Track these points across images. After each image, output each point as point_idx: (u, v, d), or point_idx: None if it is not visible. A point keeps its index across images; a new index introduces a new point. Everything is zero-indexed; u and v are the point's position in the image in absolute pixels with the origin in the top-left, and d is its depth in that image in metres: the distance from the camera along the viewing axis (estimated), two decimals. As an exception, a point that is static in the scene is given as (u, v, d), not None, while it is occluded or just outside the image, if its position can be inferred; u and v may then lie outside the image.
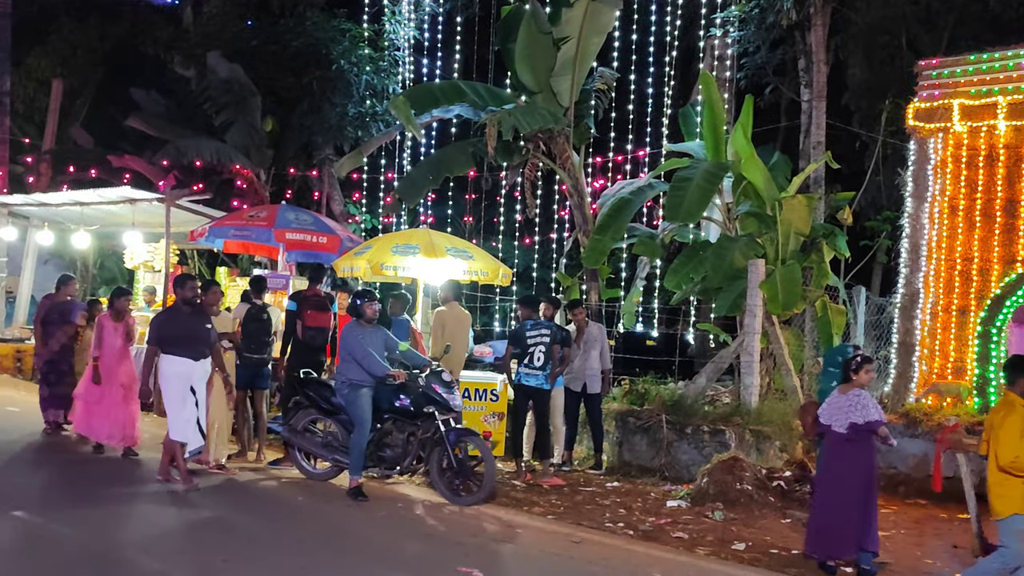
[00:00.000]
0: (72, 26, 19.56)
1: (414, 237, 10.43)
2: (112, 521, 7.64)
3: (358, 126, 15.25)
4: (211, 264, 17.24)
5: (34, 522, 7.33)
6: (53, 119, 19.06)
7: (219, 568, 6.43)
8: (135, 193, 13.62)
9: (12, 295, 17.59)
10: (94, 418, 9.73)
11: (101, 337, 9.81)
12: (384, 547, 7.23)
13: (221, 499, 8.42)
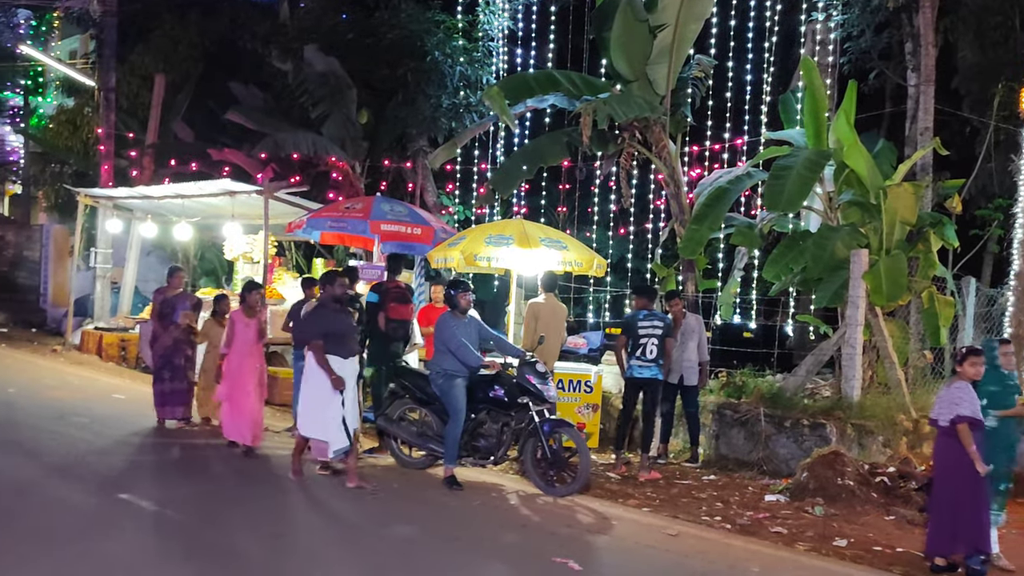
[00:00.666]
0: (174, 23, 20.25)
1: (508, 227, 10.55)
2: (211, 502, 8.01)
3: (452, 117, 15.44)
4: (307, 255, 17.70)
5: (140, 505, 7.69)
6: (156, 114, 19.78)
7: (321, 552, 6.68)
8: (235, 186, 14.08)
9: (116, 286, 18.35)
10: (225, 416, 9.72)
11: (232, 334, 9.72)
12: (479, 536, 7.38)
13: (318, 485, 8.69)
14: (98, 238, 18.18)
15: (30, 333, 19.81)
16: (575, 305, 14.34)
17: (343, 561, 6.55)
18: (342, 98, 15.85)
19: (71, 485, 8.00)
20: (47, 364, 15.85)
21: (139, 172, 19.15)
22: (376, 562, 6.60)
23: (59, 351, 17.03)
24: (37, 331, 20.13)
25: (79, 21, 25.27)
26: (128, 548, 6.52)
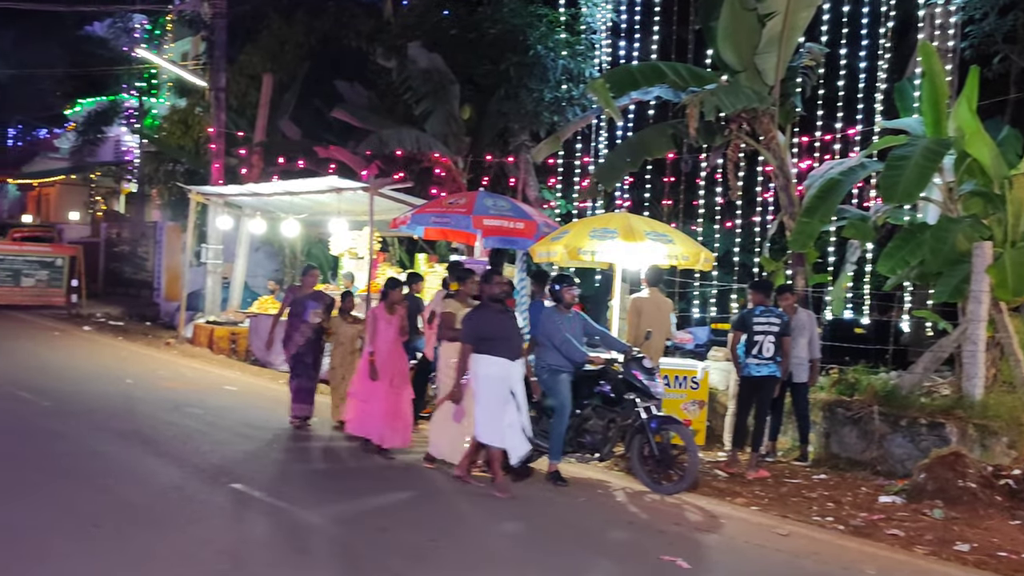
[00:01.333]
0: (281, 23, 20.80)
1: (612, 221, 10.50)
2: (323, 495, 8.22)
3: (554, 111, 15.45)
4: (410, 251, 17.96)
5: (253, 495, 7.94)
6: (264, 113, 20.35)
7: (426, 547, 6.77)
8: (341, 182, 14.38)
9: (227, 281, 18.96)
10: (367, 417, 9.53)
11: (375, 331, 9.58)
12: (584, 532, 7.38)
13: (420, 479, 8.82)
14: (209, 234, 18.81)
15: (145, 327, 20.65)
16: (680, 300, 14.19)
17: (446, 555, 6.63)
18: (445, 94, 16.02)
19: (188, 474, 8.30)
20: (161, 356, 16.50)
21: (248, 170, 19.73)
22: (481, 557, 6.68)
23: (172, 344, 17.70)
24: (151, 325, 20.97)
25: (191, 24, 26.25)
26: (241, 536, 6.76)
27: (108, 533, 6.57)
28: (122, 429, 10.07)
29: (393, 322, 9.61)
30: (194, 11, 24.46)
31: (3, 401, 11.28)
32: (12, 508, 7.03)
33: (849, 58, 13.41)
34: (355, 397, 9.73)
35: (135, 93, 31.66)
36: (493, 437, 8.12)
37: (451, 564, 6.42)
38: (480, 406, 8.15)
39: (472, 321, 8.33)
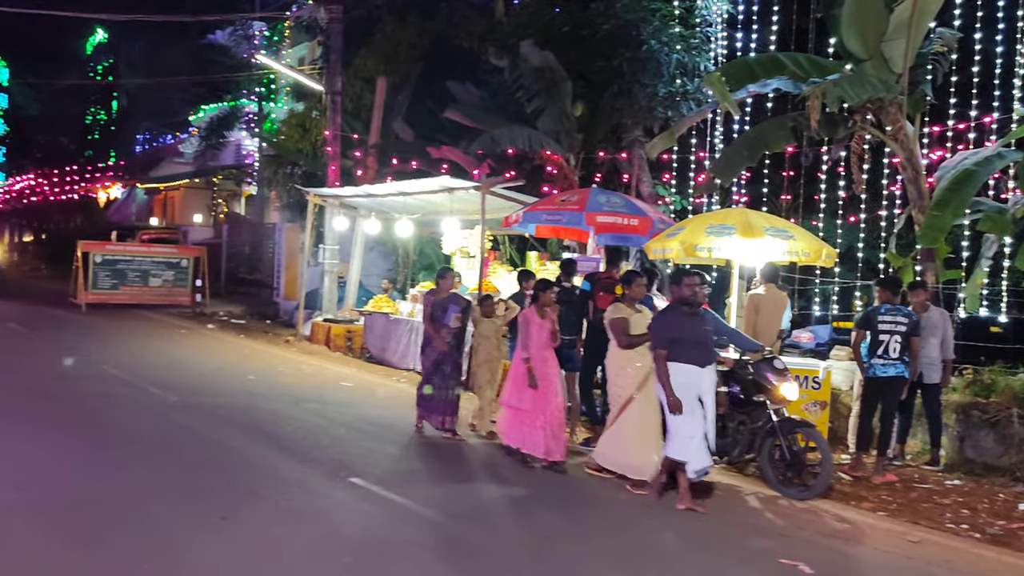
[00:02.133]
0: (394, 25, 21.11)
1: (730, 217, 10.25)
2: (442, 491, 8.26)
3: (668, 106, 15.25)
4: (521, 249, 17.99)
5: (371, 489, 8.05)
6: (378, 115, 20.71)
7: (542, 544, 6.79)
8: (453, 182, 14.49)
9: (343, 280, 19.36)
10: (526, 428, 9.04)
11: (528, 335, 9.11)
12: (706, 534, 7.23)
13: (536, 477, 8.79)
14: (326, 235, 19.24)
15: (265, 324, 21.24)
16: (799, 297, 13.78)
17: (559, 554, 6.59)
18: (557, 91, 15.98)
19: (308, 468, 8.47)
20: (281, 353, 16.93)
21: (363, 171, 20.10)
22: (599, 559, 6.62)
23: (291, 341, 18.16)
24: (271, 323, 21.56)
25: (308, 29, 26.93)
26: (363, 530, 6.85)
27: (235, 525, 6.76)
28: (245, 423, 10.37)
29: (545, 326, 9.17)
30: (311, 17, 25.09)
31: (135, 396, 11.74)
32: (144, 499, 7.30)
33: (984, 42, 12.76)
34: (509, 406, 9.25)
35: (255, 98, 32.62)
36: (685, 450, 7.65)
37: (564, 562, 6.40)
38: (670, 417, 7.65)
39: (661, 325, 7.85)
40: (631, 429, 8.28)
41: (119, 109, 43.44)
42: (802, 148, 13.18)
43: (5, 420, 9.86)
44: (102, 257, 23.49)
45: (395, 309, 16.08)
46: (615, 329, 8.47)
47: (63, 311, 21.85)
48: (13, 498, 7.07)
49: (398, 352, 15.39)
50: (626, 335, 8.36)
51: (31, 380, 12.52)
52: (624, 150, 16.03)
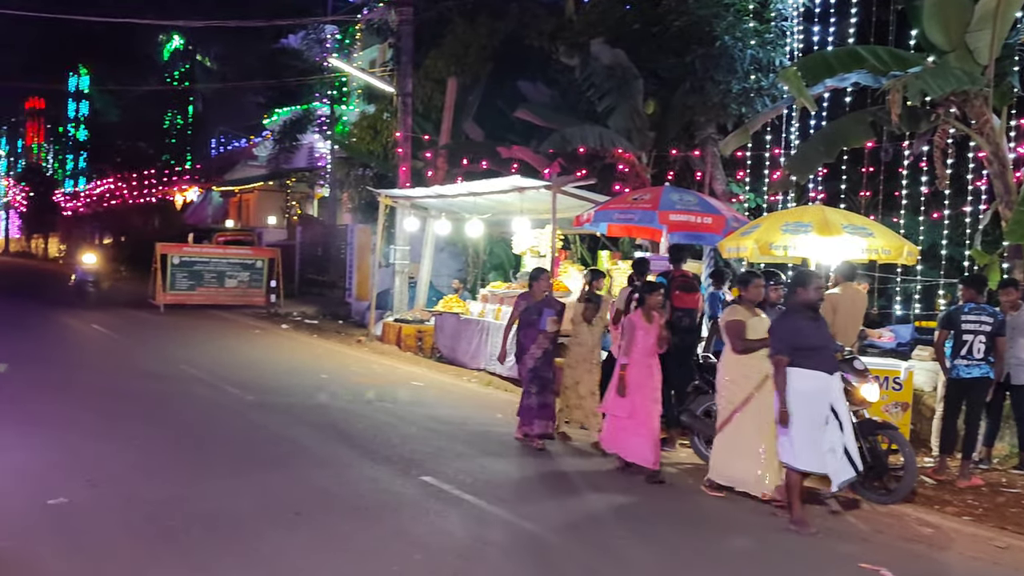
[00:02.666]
0: (464, 26, 21.19)
1: (806, 214, 10.06)
2: (514, 492, 8.24)
3: (742, 103, 15.01)
4: (592, 248, 17.91)
5: (442, 488, 8.08)
6: (448, 116, 20.81)
7: (619, 545, 6.76)
8: (523, 182, 14.49)
9: (413, 280, 19.52)
10: (624, 434, 8.75)
11: (632, 340, 8.75)
12: (782, 536, 7.11)
13: (617, 480, 8.78)
14: (396, 236, 19.41)
15: (337, 325, 21.53)
16: (879, 296, 13.45)
17: (632, 553, 6.52)
18: (628, 89, 15.87)
19: (380, 466, 8.57)
20: (352, 353, 17.14)
21: (433, 172, 20.22)
22: (668, 553, 6.61)
23: (362, 341, 18.36)
24: (343, 323, 21.85)
25: (379, 32, 27.19)
26: (432, 528, 6.87)
27: (308, 521, 6.86)
28: (318, 421, 10.52)
29: (652, 331, 8.76)
30: (382, 19, 25.31)
31: (212, 395, 12.00)
32: (222, 495, 7.46)
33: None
34: (611, 412, 8.89)
35: (327, 101, 33.07)
36: (811, 462, 7.20)
37: (635, 559, 6.35)
38: (795, 427, 7.19)
39: (783, 329, 7.39)
40: (746, 439, 7.92)
41: (195, 114, 44.48)
42: (882, 143, 12.85)
43: (86, 418, 10.14)
44: (179, 259, 24.04)
45: (465, 309, 16.15)
46: (731, 332, 8.08)
47: (142, 312, 22.43)
48: (88, 494, 7.26)
49: (468, 352, 15.44)
50: (742, 339, 7.96)
51: (111, 379, 12.88)
52: (697, 147, 15.85)
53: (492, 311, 15.24)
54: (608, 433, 8.98)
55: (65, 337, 17.34)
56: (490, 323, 15.00)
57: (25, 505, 6.89)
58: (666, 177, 15.77)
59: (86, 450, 8.63)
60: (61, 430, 9.32)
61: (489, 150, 18.52)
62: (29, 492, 7.18)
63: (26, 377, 12.47)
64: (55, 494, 7.11)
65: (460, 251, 20.71)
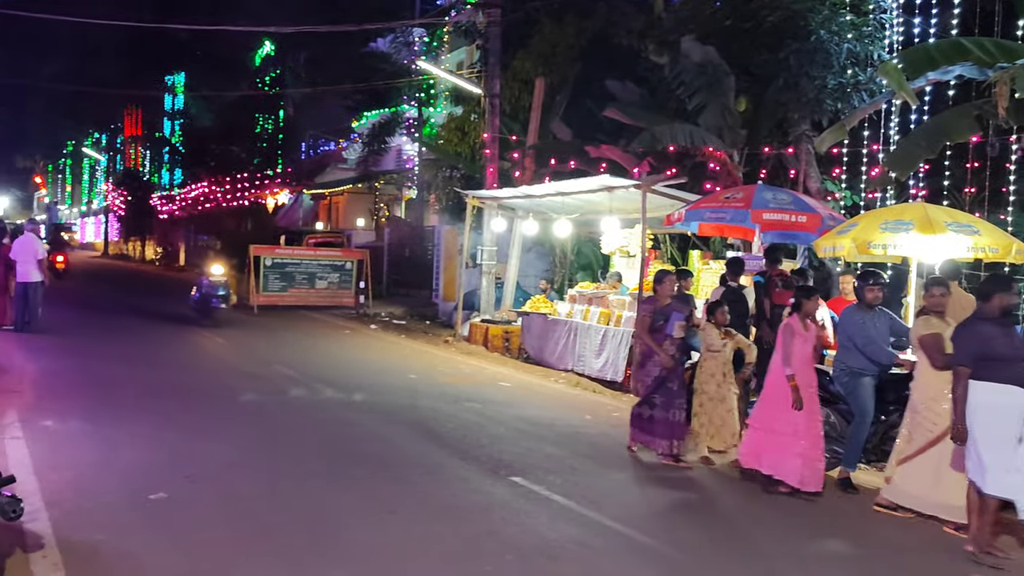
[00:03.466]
0: (552, 26, 21.22)
1: (907, 212, 9.78)
2: (606, 492, 8.21)
3: (838, 98, 14.69)
4: (682, 248, 17.73)
5: (532, 489, 8.08)
6: (536, 116, 20.85)
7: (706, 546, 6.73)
8: (612, 181, 14.41)
9: (500, 281, 19.58)
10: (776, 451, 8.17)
11: (791, 348, 8.15)
12: (873, 544, 6.97)
13: (704, 484, 8.66)
14: (484, 237, 19.51)
15: (424, 325, 21.75)
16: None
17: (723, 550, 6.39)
18: (719, 87, 15.67)
19: (470, 466, 8.65)
20: (440, 354, 17.29)
21: (521, 172, 20.28)
22: (748, 552, 6.56)
23: (450, 342, 18.52)
24: (430, 323, 22.06)
25: (466, 34, 27.42)
26: (523, 529, 6.89)
27: (402, 519, 6.97)
28: (408, 420, 10.65)
29: (809, 338, 8.27)
30: (469, 21, 25.53)
31: (305, 394, 12.23)
32: (316, 492, 7.60)
33: None
34: (760, 427, 8.39)
35: (414, 104, 33.44)
36: (1000, 486, 6.52)
37: (736, 562, 6.25)
38: (982, 446, 6.57)
39: (969, 338, 6.77)
40: (949, 463, 7.34)
41: (286, 118, 45.40)
42: (988, 137, 12.43)
43: (185, 418, 10.41)
44: (272, 260, 24.55)
45: (553, 309, 16.14)
46: (929, 347, 7.50)
47: (236, 313, 22.99)
48: (187, 490, 7.47)
49: (556, 353, 15.44)
50: (942, 353, 7.35)
51: (209, 380, 13.22)
52: (790, 145, 15.56)
53: (580, 311, 15.20)
54: (750, 446, 8.46)
55: (165, 338, 17.88)
56: (578, 324, 14.97)
57: (129, 500, 7.11)
58: (758, 176, 15.51)
59: (185, 448, 8.87)
60: (162, 429, 9.59)
61: (577, 150, 18.48)
62: (131, 488, 7.39)
63: (131, 377, 12.89)
64: (155, 489, 7.33)
65: (547, 251, 20.72)
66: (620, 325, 13.99)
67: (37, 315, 16.93)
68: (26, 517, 6.08)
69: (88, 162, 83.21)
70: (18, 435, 8.86)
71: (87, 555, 5.90)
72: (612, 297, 15.03)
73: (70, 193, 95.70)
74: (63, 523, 6.40)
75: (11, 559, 5.73)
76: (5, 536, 5.96)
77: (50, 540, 6.07)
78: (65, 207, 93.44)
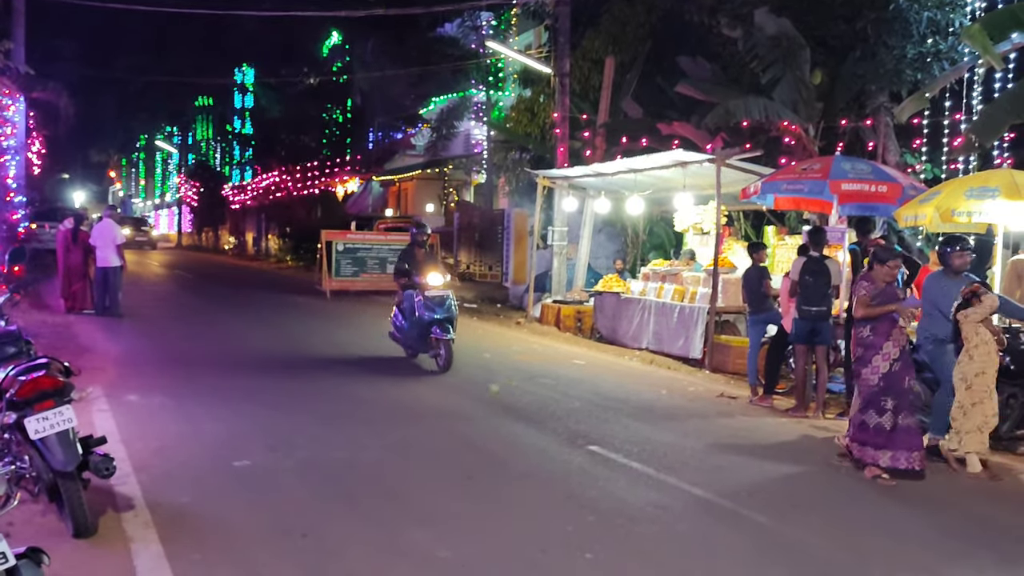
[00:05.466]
0: (622, 5, 21.21)
1: (993, 178, 9.65)
2: (685, 460, 8.29)
3: (918, 68, 14.46)
4: (756, 224, 17.63)
5: (609, 457, 8.20)
6: (606, 95, 20.87)
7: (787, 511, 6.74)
8: (686, 155, 14.39)
9: (572, 261, 19.68)
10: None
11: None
12: (967, 515, 6.93)
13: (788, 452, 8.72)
14: (555, 217, 19.63)
15: (495, 308, 21.93)
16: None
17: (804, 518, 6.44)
18: (794, 59, 15.52)
19: (547, 436, 8.83)
20: (512, 334, 17.46)
21: (591, 152, 20.32)
22: (832, 527, 6.54)
23: (521, 323, 18.67)
24: (501, 306, 22.23)
25: (534, 15, 27.48)
26: (602, 493, 7.05)
27: (480, 485, 7.21)
28: (483, 397, 10.86)
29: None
30: (538, 2, 25.59)
31: (379, 374, 12.55)
32: (395, 460, 7.92)
33: None
34: None
35: (483, 88, 33.63)
36: None
37: (814, 525, 6.29)
38: None
39: None
40: None
41: (354, 106, 45.97)
42: (1078, 102, 12.17)
43: (267, 396, 10.68)
44: (344, 245, 24.92)
45: (626, 288, 16.17)
46: None
47: (310, 298, 23.44)
48: (270, 457, 7.78)
49: (629, 331, 15.48)
50: None
51: (288, 360, 13.44)
52: (868, 117, 15.36)
53: (654, 289, 15.22)
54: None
55: (239, 322, 18.34)
56: (651, 302, 15.00)
57: (212, 466, 7.44)
58: (835, 149, 15.35)
59: (268, 421, 9.17)
60: (246, 404, 9.91)
61: (648, 127, 18.47)
62: (217, 456, 7.73)
63: (211, 357, 13.36)
64: (240, 457, 7.66)
65: (618, 232, 20.75)
66: (695, 302, 14.00)
67: (118, 299, 17.55)
68: (116, 480, 6.46)
69: (161, 155, 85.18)
70: (104, 408, 9.31)
71: (175, 515, 6.23)
72: (686, 274, 15.02)
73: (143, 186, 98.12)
74: (151, 486, 6.76)
75: (104, 518, 6.06)
76: (98, 498, 6.29)
77: (139, 501, 6.43)
78: (139, 200, 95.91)
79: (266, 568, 5.42)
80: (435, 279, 12.81)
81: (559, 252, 19.63)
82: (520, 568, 5.53)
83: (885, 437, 7.64)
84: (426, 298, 12.52)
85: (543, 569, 5.53)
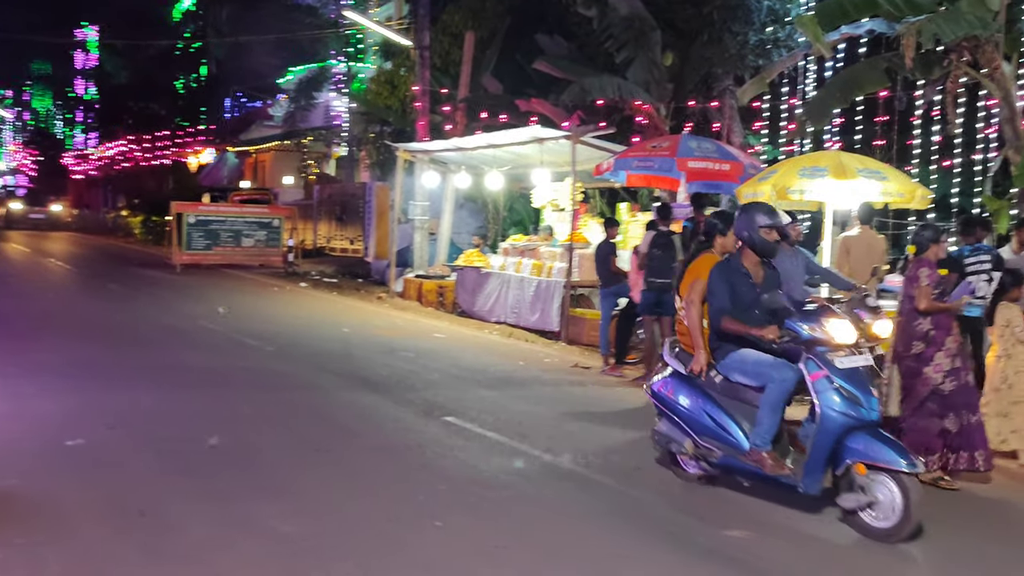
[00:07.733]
0: (482, -20, 21.56)
1: (823, 159, 10.45)
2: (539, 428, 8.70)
3: (759, 54, 15.39)
4: (611, 202, 18.34)
5: (465, 427, 8.58)
6: (467, 69, 21.18)
7: (631, 473, 7.17)
8: (543, 132, 14.89)
9: (434, 236, 20.01)
10: None
11: None
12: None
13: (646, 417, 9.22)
14: (416, 191, 19.87)
15: (356, 283, 22.05)
16: (895, 243, 13.89)
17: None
18: (646, 41, 16.22)
19: (403, 408, 9.07)
20: (373, 309, 17.68)
21: (452, 126, 20.63)
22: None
23: (383, 298, 18.90)
24: (363, 281, 22.35)
25: (395, -14, 27.49)
26: (455, 462, 7.32)
27: (330, 456, 7.31)
28: (340, 370, 10.99)
29: None
30: (398, -29, 25.66)
31: (232, 347, 12.51)
32: (242, 434, 7.91)
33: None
34: None
35: (343, 59, 33.34)
36: None
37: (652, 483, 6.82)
38: None
39: None
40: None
41: (208, 75, 44.86)
42: (896, 92, 13.24)
43: (106, 371, 10.44)
44: (196, 218, 24.45)
45: (486, 263, 16.59)
46: None
47: (158, 272, 22.95)
48: (107, 435, 7.55)
49: (489, 305, 15.92)
50: None
51: (128, 335, 13.17)
52: (715, 99, 16.23)
53: (513, 264, 15.70)
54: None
55: (82, 295, 17.91)
56: (511, 276, 15.46)
57: (41, 446, 7.10)
58: (684, 129, 16.18)
59: (105, 397, 8.87)
60: (81, 381, 9.60)
61: (507, 103, 18.91)
62: (46, 435, 7.37)
63: (50, 332, 13.04)
64: (74, 436, 7.33)
65: (480, 208, 21.17)
66: (552, 276, 14.54)
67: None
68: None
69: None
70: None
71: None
72: (544, 249, 15.55)
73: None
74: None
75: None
76: None
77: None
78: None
79: (99, 547, 5.20)
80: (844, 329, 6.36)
81: (420, 227, 19.90)
82: (367, 539, 5.53)
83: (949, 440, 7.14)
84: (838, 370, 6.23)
85: (390, 539, 5.55)
